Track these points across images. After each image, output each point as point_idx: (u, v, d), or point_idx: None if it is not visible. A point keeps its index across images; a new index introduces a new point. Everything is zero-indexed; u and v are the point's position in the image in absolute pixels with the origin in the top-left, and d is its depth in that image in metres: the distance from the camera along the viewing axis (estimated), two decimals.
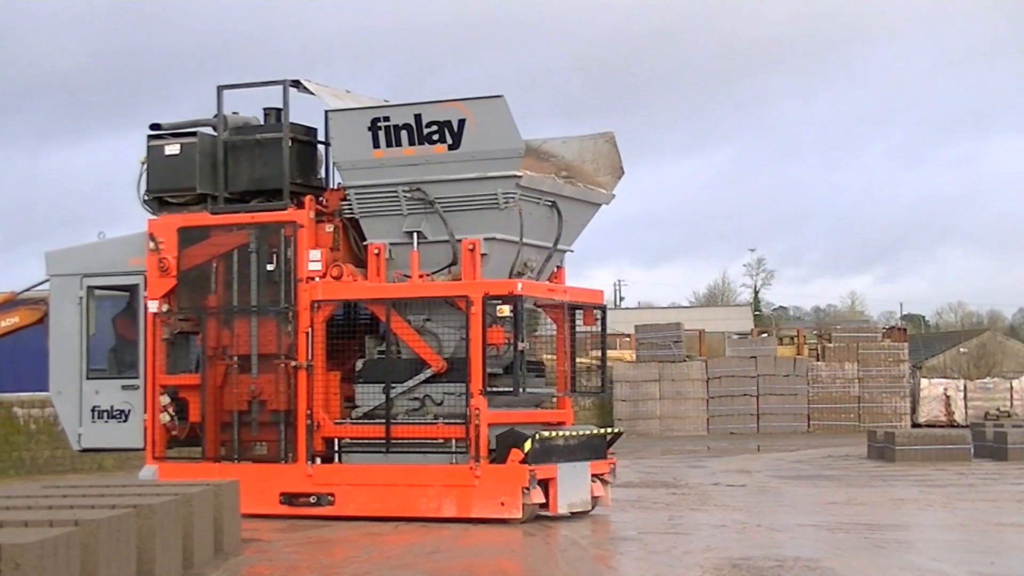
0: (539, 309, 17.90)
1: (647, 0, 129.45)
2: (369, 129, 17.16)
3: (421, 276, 17.19)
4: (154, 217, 18.49)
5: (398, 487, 16.86)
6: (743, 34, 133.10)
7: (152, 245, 18.29)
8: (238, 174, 18.15)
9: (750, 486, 23.47)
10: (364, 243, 17.62)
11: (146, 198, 18.53)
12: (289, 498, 17.41)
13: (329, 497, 17.21)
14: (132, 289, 18.77)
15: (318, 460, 17.39)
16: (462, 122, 16.78)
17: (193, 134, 18.27)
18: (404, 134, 17.03)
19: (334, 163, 17.78)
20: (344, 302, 17.91)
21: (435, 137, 16.91)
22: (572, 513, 17.23)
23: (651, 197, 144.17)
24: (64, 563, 8.83)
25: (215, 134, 18.26)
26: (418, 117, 16.96)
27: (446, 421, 16.87)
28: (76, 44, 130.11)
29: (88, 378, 18.95)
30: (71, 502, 11.43)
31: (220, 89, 18.24)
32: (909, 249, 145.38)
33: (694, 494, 21.64)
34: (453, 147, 16.84)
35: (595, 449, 17.93)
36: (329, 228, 17.78)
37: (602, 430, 18.53)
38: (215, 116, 18.23)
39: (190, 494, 12.53)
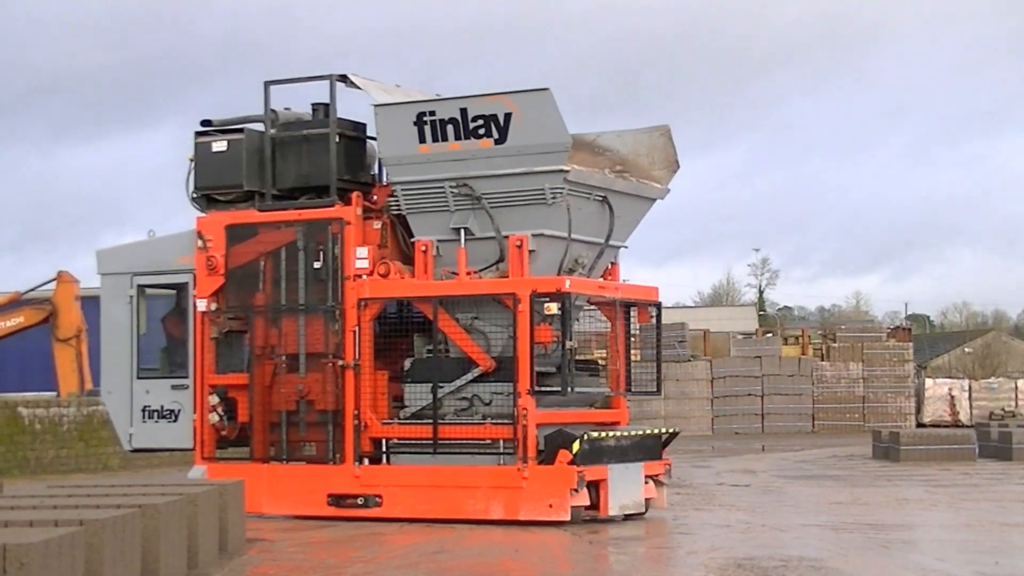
0: (591, 306, 17.61)
1: (659, 1, 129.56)
2: (415, 124, 16.90)
3: (468, 273, 16.92)
4: (203, 215, 18.27)
5: (445, 488, 16.58)
6: (756, 35, 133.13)
7: (200, 243, 18.08)
8: (286, 171, 17.88)
9: (755, 486, 23.46)
10: (412, 240, 17.34)
11: (194, 195, 18.28)
12: (336, 499, 17.14)
13: (376, 499, 16.93)
14: (181, 288, 18.56)
15: (366, 461, 17.08)
16: (508, 116, 16.48)
17: (240, 130, 18.06)
18: (450, 128, 16.76)
19: (380, 159, 17.63)
20: (396, 300, 17.64)
21: (481, 131, 16.63)
22: (625, 516, 16.91)
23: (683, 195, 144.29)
24: (69, 563, 8.83)
25: (263, 130, 18.02)
26: (464, 111, 16.70)
27: (494, 421, 16.54)
28: (91, 45, 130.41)
29: (138, 378, 18.72)
30: (76, 502, 11.44)
31: (267, 85, 17.99)
32: (916, 249, 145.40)
33: (698, 494, 21.63)
34: (499, 141, 16.57)
35: (649, 450, 17.60)
36: (377, 225, 17.49)
37: (656, 430, 18.18)
38: (266, 112, 17.97)
39: (195, 494, 12.53)
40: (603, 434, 16.74)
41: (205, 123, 18.28)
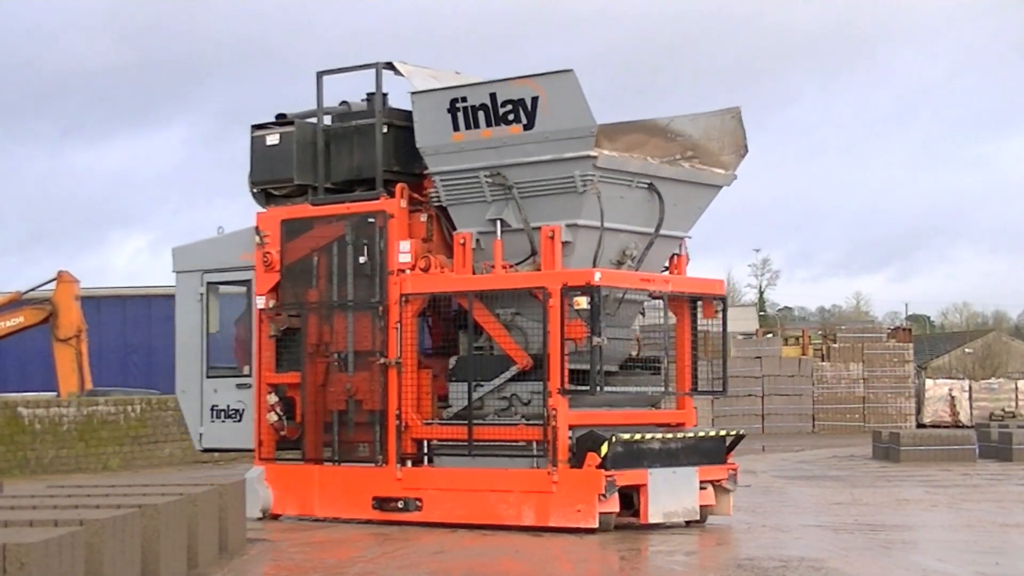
0: (651, 300, 16.82)
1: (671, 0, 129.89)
2: (448, 111, 16.26)
3: (504, 267, 16.23)
4: (262, 210, 17.95)
5: (480, 493, 15.96)
6: (767, 34, 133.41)
7: (258, 239, 17.72)
8: (339, 163, 17.49)
9: (755, 486, 23.44)
10: (454, 232, 16.74)
11: (254, 191, 18.02)
12: (380, 503, 16.60)
13: (417, 502, 16.37)
14: (247, 285, 18.17)
15: (409, 463, 16.55)
16: (535, 100, 15.75)
17: (291, 123, 17.73)
18: (481, 115, 16.08)
19: (419, 148, 16.71)
20: (447, 295, 16.79)
21: (511, 117, 15.92)
22: (672, 524, 16.03)
23: None
24: (69, 563, 8.83)
25: (314, 123, 17.66)
26: (493, 96, 15.99)
27: (529, 422, 15.85)
28: (101, 46, 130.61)
29: (208, 376, 18.59)
30: (76, 502, 11.43)
31: (319, 76, 17.59)
32: (920, 250, 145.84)
33: None
34: (528, 127, 15.85)
35: (708, 453, 16.64)
36: (424, 218, 16.95)
37: (719, 432, 17.20)
38: (319, 104, 17.65)
39: (195, 494, 12.53)
40: (642, 436, 15.89)
41: (279, 116, 17.96)
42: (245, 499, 15.08)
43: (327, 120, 17.78)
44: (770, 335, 53.65)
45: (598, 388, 15.58)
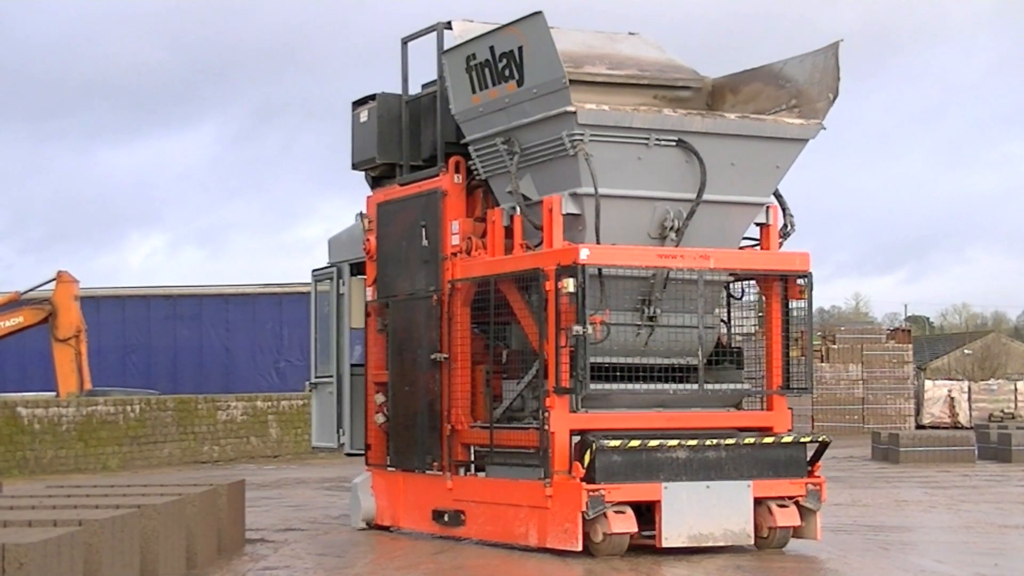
0: (733, 282, 14.94)
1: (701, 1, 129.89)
2: (465, 71, 14.48)
3: (522, 246, 14.30)
4: (370, 194, 16.53)
5: (502, 506, 14.15)
6: (802, 33, 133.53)
7: (365, 225, 16.29)
8: (426, 137, 15.81)
9: None
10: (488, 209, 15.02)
11: (365, 173, 16.68)
12: (436, 515, 15.00)
13: (461, 515, 14.66)
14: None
15: (461, 471, 14.81)
16: (520, 50, 13.78)
17: (374, 97, 16.23)
18: (487, 72, 14.23)
19: (454, 115, 14.96)
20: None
21: (507, 72, 14.00)
22: (704, 548, 13.67)
23: None
24: (68, 563, 8.82)
25: (399, 95, 16.07)
26: (492, 50, 14.10)
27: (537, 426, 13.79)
28: (133, 46, 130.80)
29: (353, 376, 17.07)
30: (75, 502, 11.43)
31: (404, 43, 15.92)
32: (934, 252, 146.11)
33: None
34: (520, 83, 13.89)
35: (776, 464, 14.03)
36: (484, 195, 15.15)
37: (795, 438, 14.35)
38: (403, 74, 16.08)
39: (193, 494, 12.54)
40: (649, 442, 13.53)
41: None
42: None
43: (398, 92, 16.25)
44: None
45: (581, 386, 13.39)
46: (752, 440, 13.97)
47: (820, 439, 14.49)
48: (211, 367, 45.34)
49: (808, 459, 14.31)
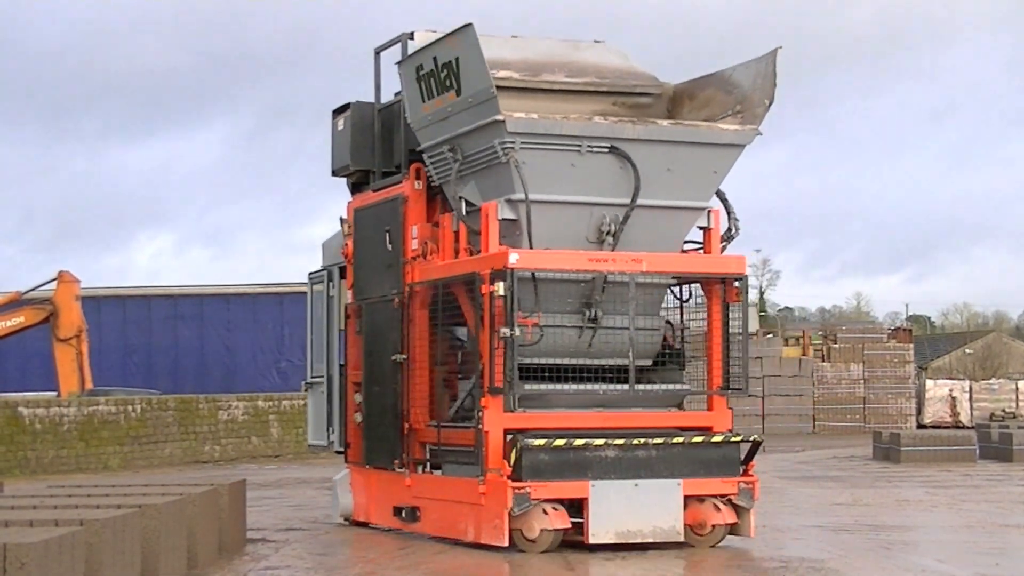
0: (676, 285, 15.08)
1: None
2: (416, 81, 14.79)
3: (467, 251, 14.66)
4: (350, 199, 17.03)
5: (448, 503, 14.58)
6: (817, 33, 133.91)
7: (344, 230, 16.93)
8: (397, 144, 16.08)
9: None
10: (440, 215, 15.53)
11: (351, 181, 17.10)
12: (396, 511, 15.49)
13: (416, 512, 15.14)
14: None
15: (420, 469, 15.22)
16: (457, 61, 14.05)
17: (348, 106, 16.68)
18: (433, 82, 14.54)
19: (409, 123, 15.33)
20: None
21: (447, 82, 14.31)
22: (631, 545, 13.93)
23: None
24: (69, 563, 8.83)
25: (372, 103, 16.47)
26: (435, 60, 14.38)
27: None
28: (147, 45, 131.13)
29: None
30: (76, 502, 11.43)
31: (377, 52, 16.23)
32: (939, 251, 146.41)
33: None
34: (459, 92, 14.17)
35: (709, 463, 14.30)
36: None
37: (726, 437, 14.54)
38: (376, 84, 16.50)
39: (194, 494, 12.54)
40: (574, 441, 13.80)
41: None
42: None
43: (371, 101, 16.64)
44: (771, 336, 53.64)
45: (510, 386, 13.67)
46: (681, 440, 14.21)
47: (752, 439, 14.76)
48: (212, 367, 45.37)
49: (742, 458, 14.59)
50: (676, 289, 15.25)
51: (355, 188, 17.05)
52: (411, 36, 15.69)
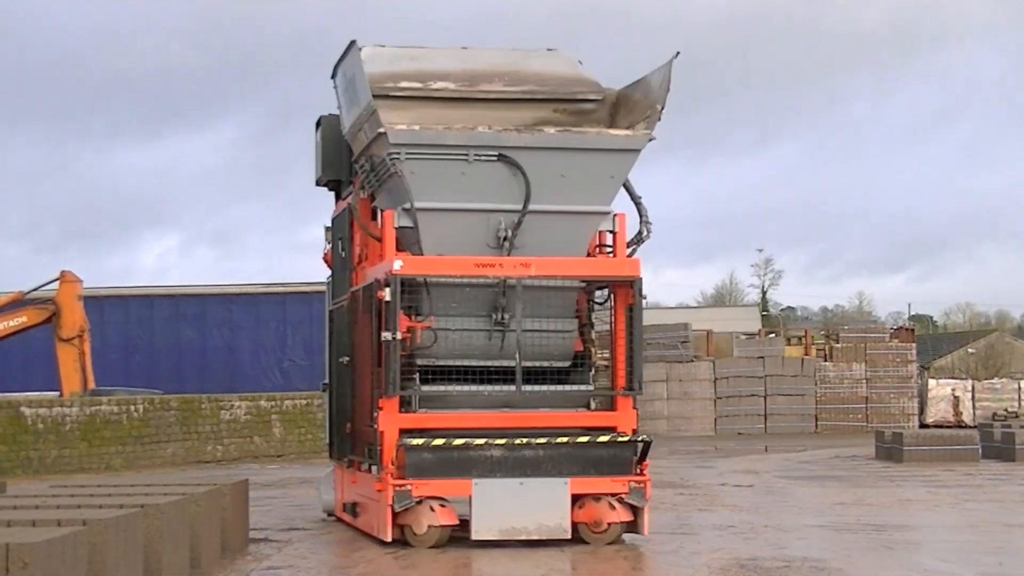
0: (590, 289, 15.25)
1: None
2: (345, 91, 15.32)
3: (380, 257, 15.04)
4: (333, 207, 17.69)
5: (367, 500, 15.15)
6: (825, 33, 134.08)
7: (327, 237, 17.76)
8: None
9: (758, 486, 23.46)
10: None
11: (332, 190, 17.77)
12: (344, 506, 16.47)
13: (356, 508, 15.89)
14: None
15: (364, 467, 15.46)
16: (355, 76, 14.66)
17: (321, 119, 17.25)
18: (349, 96, 15.12)
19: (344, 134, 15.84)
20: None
21: (353, 97, 14.93)
22: (518, 541, 14.33)
23: (711, 195, 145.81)
24: (71, 563, 8.82)
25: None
26: (346, 75, 15.01)
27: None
28: (156, 46, 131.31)
29: None
30: (79, 502, 11.43)
31: (335, 67, 16.04)
32: (945, 251, 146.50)
33: (702, 494, 21.62)
34: (360, 105, 14.73)
35: (597, 462, 14.49)
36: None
37: (613, 437, 14.64)
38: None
39: (197, 494, 12.54)
40: (453, 441, 14.23)
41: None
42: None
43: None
44: (773, 335, 53.62)
45: (392, 388, 14.12)
46: (565, 439, 14.45)
47: (641, 439, 14.75)
48: (215, 367, 45.36)
49: (636, 458, 14.67)
50: (599, 293, 15.46)
51: (336, 197, 17.67)
52: (359, 49, 15.54)
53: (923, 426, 47.01)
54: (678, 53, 14.55)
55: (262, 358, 45.85)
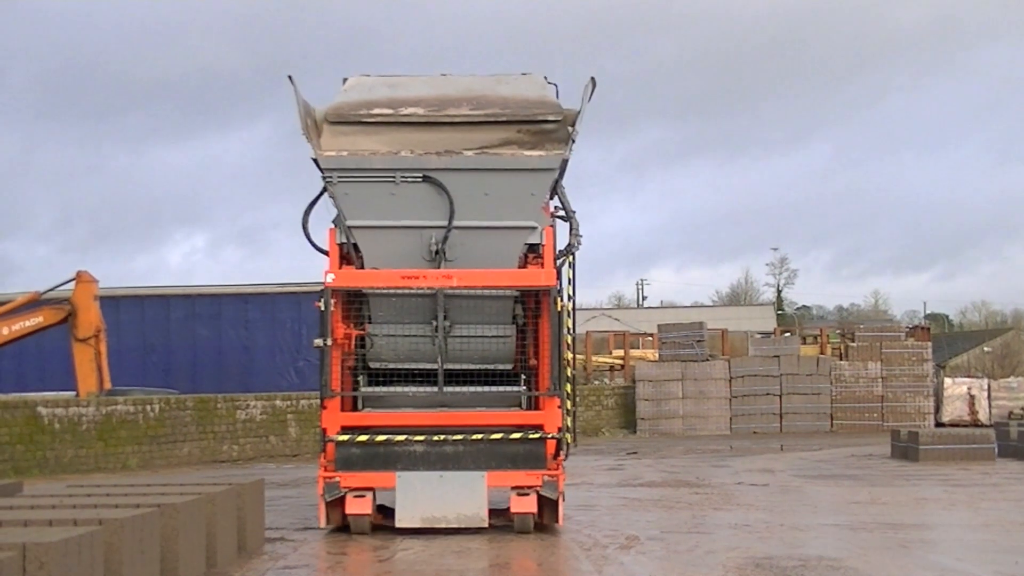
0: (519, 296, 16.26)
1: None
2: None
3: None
4: None
5: None
6: (864, 32, 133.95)
7: None
8: None
9: (773, 485, 23.43)
10: None
11: None
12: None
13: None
14: None
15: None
16: (296, 108, 15.70)
17: None
18: (309, 121, 16.12)
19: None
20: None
21: (308, 123, 15.97)
22: (443, 529, 15.60)
23: (740, 193, 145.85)
24: (88, 562, 8.85)
25: None
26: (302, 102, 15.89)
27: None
28: (194, 48, 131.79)
29: None
30: (95, 501, 11.46)
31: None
32: (972, 249, 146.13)
33: (717, 493, 21.61)
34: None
35: (513, 457, 15.77)
36: None
37: (525, 434, 15.88)
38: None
39: (213, 494, 12.56)
40: (376, 437, 15.74)
41: None
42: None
43: None
44: (788, 334, 53.55)
45: (326, 389, 15.67)
46: (480, 436, 15.79)
47: (551, 436, 15.83)
48: (230, 366, 45.41)
49: (554, 453, 15.89)
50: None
51: None
52: (344, 80, 16.89)
53: (939, 425, 46.91)
54: (593, 79, 15.86)
55: (277, 358, 45.88)
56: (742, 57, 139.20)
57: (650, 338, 57.08)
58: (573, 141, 15.83)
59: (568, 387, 16.39)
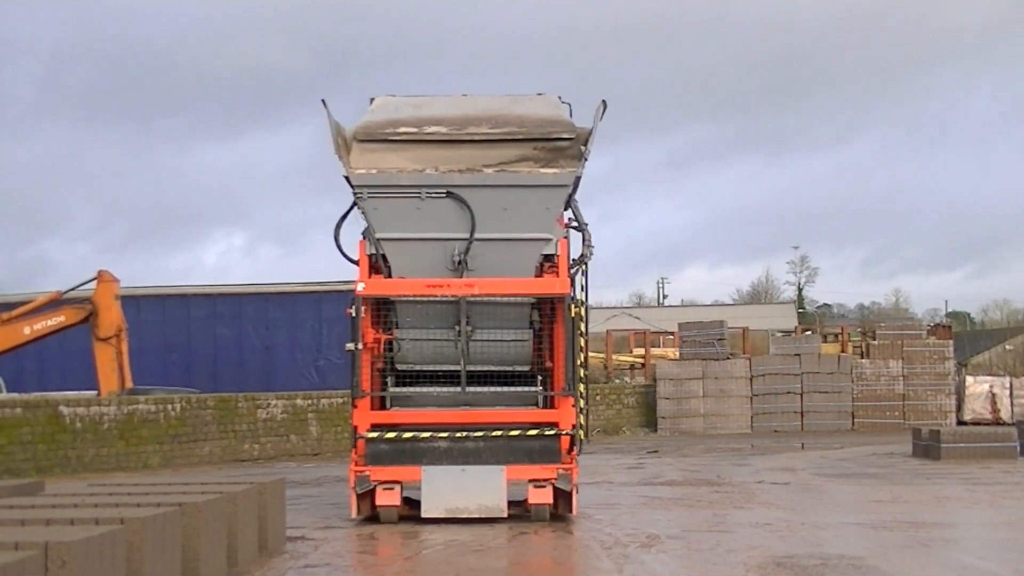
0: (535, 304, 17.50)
1: None
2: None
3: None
4: None
5: None
6: (911, 28, 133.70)
7: None
8: None
9: (794, 484, 23.40)
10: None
11: None
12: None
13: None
14: None
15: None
16: (329, 129, 16.98)
17: None
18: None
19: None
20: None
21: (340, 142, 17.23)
22: (464, 522, 16.51)
23: (775, 192, 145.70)
24: (109, 561, 8.87)
25: None
26: (336, 125, 17.09)
27: None
28: (243, 47, 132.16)
29: None
30: (116, 500, 11.49)
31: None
32: (1005, 247, 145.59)
33: (738, 492, 21.59)
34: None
35: (531, 452, 16.92)
36: None
37: (542, 431, 17.04)
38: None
39: (235, 493, 12.58)
40: (403, 434, 16.96)
41: None
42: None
43: None
44: (809, 332, 53.45)
45: (357, 389, 16.89)
46: (499, 433, 16.91)
47: (565, 433, 16.93)
48: (251, 365, 45.46)
49: (568, 448, 16.99)
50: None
51: None
52: (372, 99, 17.96)
53: (960, 423, 46.76)
54: (604, 102, 16.80)
55: (298, 357, 45.92)
56: (788, 56, 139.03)
57: (671, 337, 57.02)
58: (586, 159, 16.84)
59: (581, 387, 17.31)
